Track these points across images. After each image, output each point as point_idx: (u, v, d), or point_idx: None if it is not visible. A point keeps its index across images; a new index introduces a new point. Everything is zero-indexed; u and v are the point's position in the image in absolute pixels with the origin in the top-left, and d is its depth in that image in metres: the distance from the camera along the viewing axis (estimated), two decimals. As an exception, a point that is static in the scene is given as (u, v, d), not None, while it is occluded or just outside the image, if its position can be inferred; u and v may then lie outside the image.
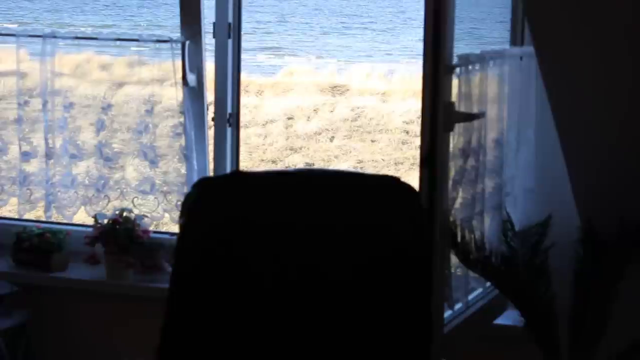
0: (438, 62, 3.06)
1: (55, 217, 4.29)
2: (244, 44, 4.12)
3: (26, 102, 4.24)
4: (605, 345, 3.32)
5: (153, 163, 4.13)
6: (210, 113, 4.12)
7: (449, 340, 3.22)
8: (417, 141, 3.18)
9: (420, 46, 3.14)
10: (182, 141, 4.08)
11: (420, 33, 3.14)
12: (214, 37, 4.04)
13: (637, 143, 3.33)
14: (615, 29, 3.11)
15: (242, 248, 2.64)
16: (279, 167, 14.62)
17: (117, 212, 4.11)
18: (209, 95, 4.12)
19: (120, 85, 4.35)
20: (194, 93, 4.06)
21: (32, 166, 4.28)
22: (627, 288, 3.36)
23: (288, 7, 27.47)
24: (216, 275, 2.63)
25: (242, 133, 4.22)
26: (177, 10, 4.02)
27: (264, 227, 2.67)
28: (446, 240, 3.26)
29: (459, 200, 3.32)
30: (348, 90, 18.61)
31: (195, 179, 3.99)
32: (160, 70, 4.08)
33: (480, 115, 3.36)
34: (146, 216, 4.14)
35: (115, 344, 3.93)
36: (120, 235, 4.06)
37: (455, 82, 3.19)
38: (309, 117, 17.34)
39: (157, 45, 4.07)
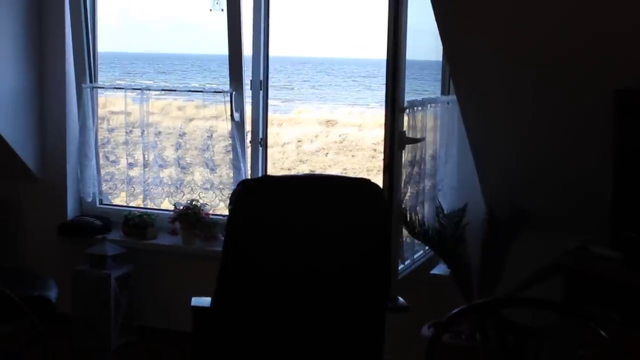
0: (395, 105, 3.07)
1: (149, 205, 4.29)
2: (275, 94, 4.11)
3: (130, 131, 4.24)
4: (500, 287, 3.34)
5: (212, 170, 4.14)
6: (248, 138, 4.13)
7: (401, 284, 3.23)
8: (382, 156, 3.18)
9: (382, 95, 3.16)
10: (231, 156, 4.08)
11: (383, 87, 3.16)
12: (250, 89, 4.05)
13: (522, 159, 3.35)
14: (514, 85, 3.12)
15: (269, 223, 2.63)
16: (293, 172, 14.61)
17: (189, 202, 4.12)
18: (248, 126, 4.12)
19: (191, 120, 4.35)
20: (238, 125, 4.06)
21: (135, 172, 4.28)
22: (514, 251, 3.38)
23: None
24: (252, 241, 2.63)
25: (269, 151, 4.21)
26: (227, 72, 4.03)
27: (284, 209, 2.66)
28: (400, 220, 3.27)
29: (408, 194, 3.32)
30: (337, 123, 18.59)
31: (239, 180, 4.00)
32: (216, 110, 4.08)
33: (421, 139, 3.37)
34: (207, 204, 4.14)
35: (187, 287, 3.90)
36: (191, 216, 4.07)
37: (405, 118, 3.19)
38: (311, 140, 17.31)
39: (215, 94, 4.07)
